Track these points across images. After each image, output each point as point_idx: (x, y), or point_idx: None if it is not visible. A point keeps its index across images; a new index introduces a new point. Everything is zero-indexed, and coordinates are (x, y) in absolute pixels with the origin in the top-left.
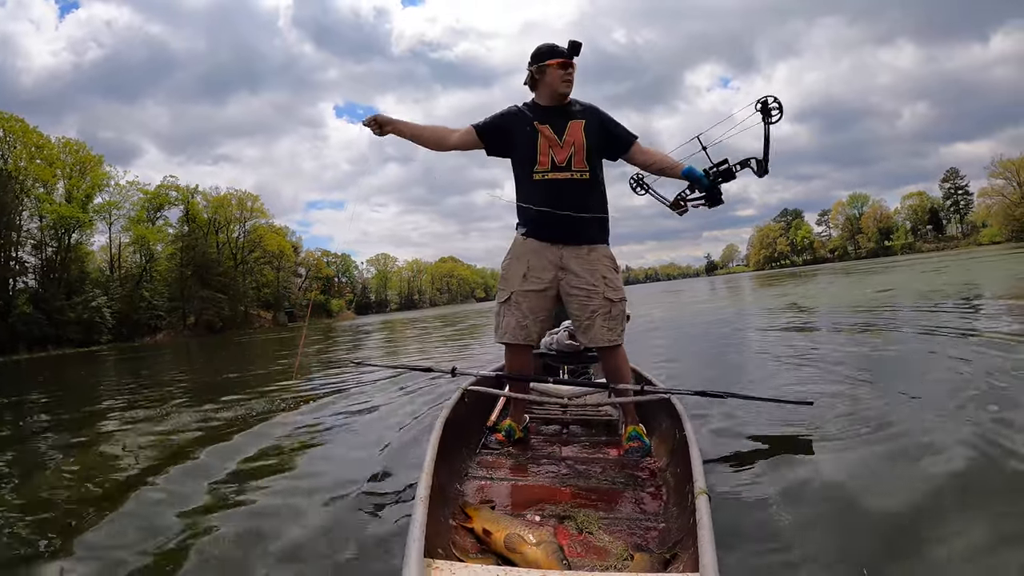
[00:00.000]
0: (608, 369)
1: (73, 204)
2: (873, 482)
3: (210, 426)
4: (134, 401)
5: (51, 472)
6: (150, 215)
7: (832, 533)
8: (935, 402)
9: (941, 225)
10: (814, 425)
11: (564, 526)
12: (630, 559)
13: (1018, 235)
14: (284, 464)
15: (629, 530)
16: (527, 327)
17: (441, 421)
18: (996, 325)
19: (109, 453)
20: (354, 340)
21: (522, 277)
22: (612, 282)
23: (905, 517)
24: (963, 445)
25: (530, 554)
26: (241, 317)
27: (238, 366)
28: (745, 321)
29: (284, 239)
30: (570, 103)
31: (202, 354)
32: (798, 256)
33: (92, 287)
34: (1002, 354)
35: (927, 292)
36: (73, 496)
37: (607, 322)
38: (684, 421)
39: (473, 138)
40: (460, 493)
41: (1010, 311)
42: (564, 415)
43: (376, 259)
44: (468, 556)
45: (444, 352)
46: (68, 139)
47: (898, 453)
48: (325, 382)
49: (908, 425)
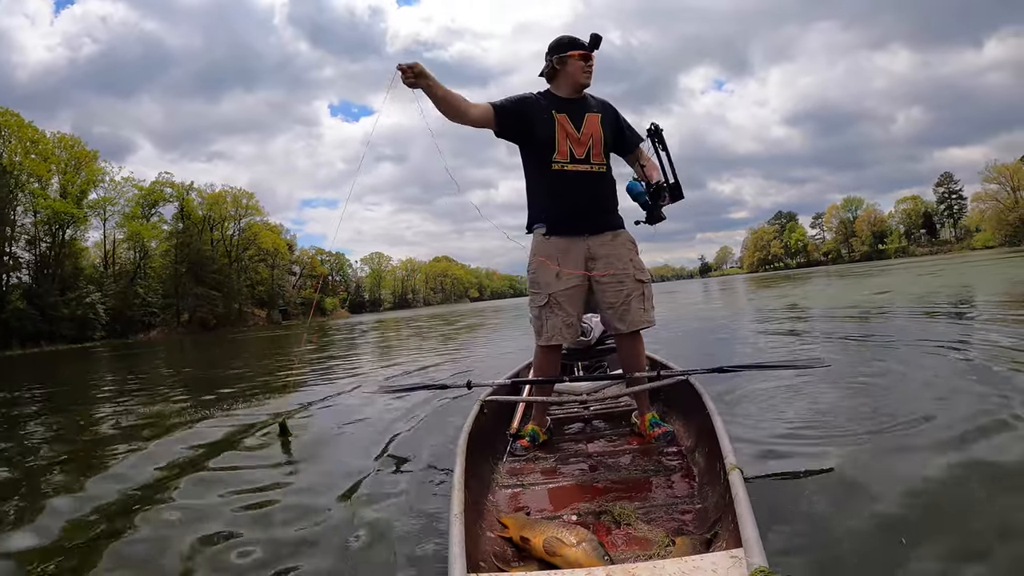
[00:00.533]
0: (628, 356)
1: (68, 200)
2: (906, 452)
3: (213, 435)
4: (130, 401)
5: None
6: (145, 211)
7: (866, 502)
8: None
9: (935, 229)
10: (836, 394)
11: (602, 522)
12: (672, 544)
13: (1011, 240)
14: (300, 490)
15: (667, 516)
16: (573, 325)
17: (465, 435)
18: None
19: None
20: (349, 341)
21: (555, 277)
22: (638, 264)
23: (942, 485)
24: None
25: (571, 555)
26: (235, 315)
27: (236, 370)
28: (749, 326)
29: (279, 237)
30: (586, 96)
31: (197, 352)
32: (792, 259)
33: (86, 283)
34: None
35: (925, 295)
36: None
37: (642, 303)
38: (706, 400)
39: (490, 116)
40: (493, 504)
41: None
42: (585, 411)
43: (370, 258)
44: (510, 566)
45: (450, 351)
46: (63, 134)
47: (931, 424)
48: (328, 392)
49: (933, 397)
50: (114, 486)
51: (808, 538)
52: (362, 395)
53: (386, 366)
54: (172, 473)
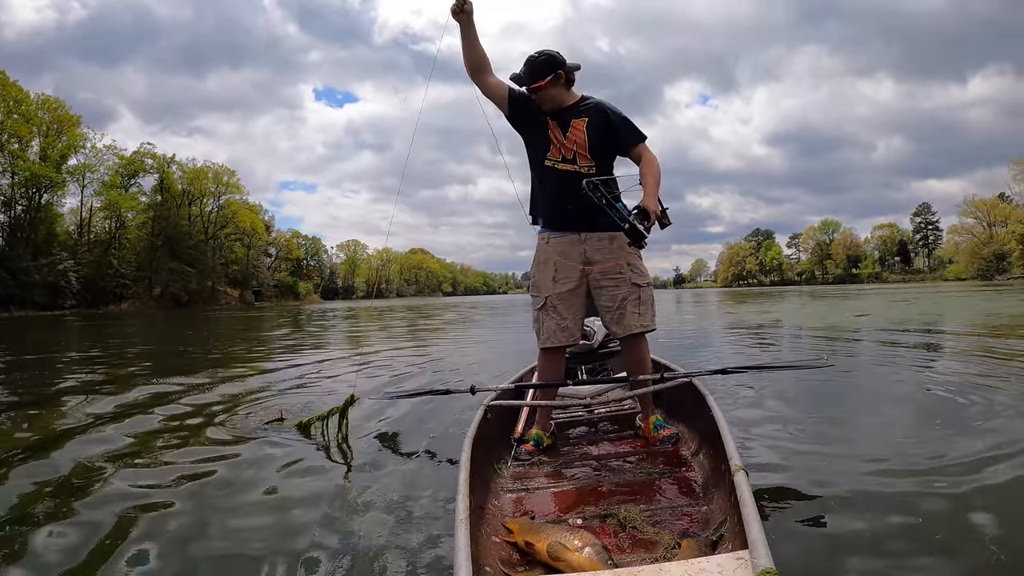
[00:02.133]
0: (631, 359)
1: (47, 163)
2: (909, 448)
3: (218, 435)
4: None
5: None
6: (124, 181)
7: (873, 506)
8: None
9: (909, 258)
10: (840, 395)
11: (607, 525)
12: (678, 547)
13: (983, 273)
14: (300, 495)
15: (672, 518)
16: (567, 327)
17: (469, 440)
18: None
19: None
20: (323, 326)
21: (552, 280)
22: (637, 267)
23: (950, 480)
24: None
25: (574, 560)
26: (208, 292)
27: (244, 361)
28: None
29: (257, 217)
30: (577, 102)
31: (169, 329)
32: (765, 276)
33: (60, 250)
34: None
35: (903, 318)
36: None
37: (638, 307)
38: (710, 401)
39: (504, 97)
40: (498, 508)
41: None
42: (589, 415)
43: (347, 244)
44: (515, 571)
45: (448, 347)
46: (47, 96)
47: (935, 418)
48: (322, 389)
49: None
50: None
51: (814, 540)
52: (365, 400)
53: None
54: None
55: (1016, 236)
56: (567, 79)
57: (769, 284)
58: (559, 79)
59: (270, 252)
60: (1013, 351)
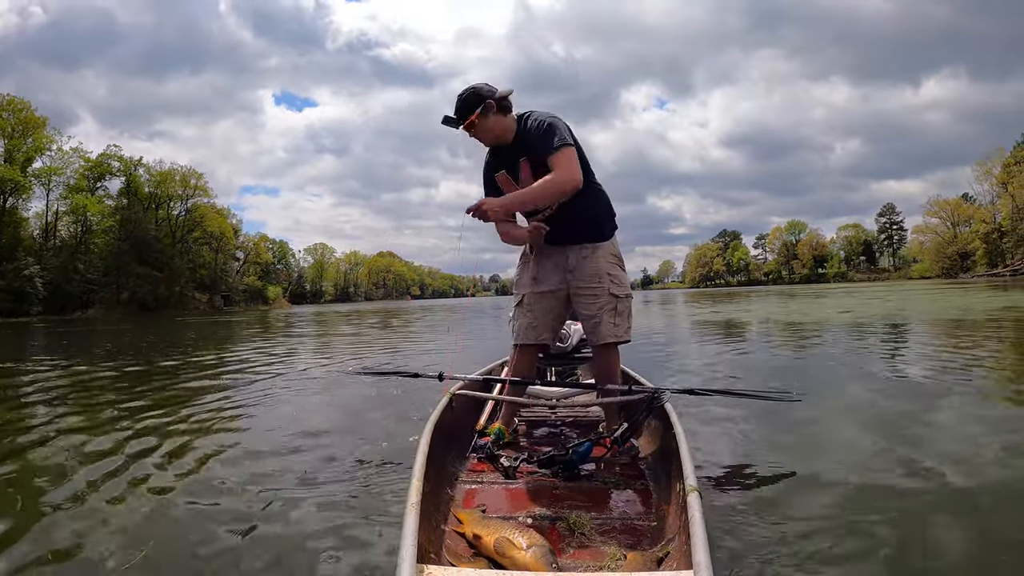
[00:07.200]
0: (600, 368)
1: (12, 166)
2: (865, 476)
3: (173, 427)
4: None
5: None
6: (90, 184)
7: (822, 529)
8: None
9: (874, 257)
10: (802, 420)
11: (556, 528)
12: (623, 559)
13: (948, 272)
14: (260, 468)
15: (621, 530)
16: (536, 328)
17: (430, 426)
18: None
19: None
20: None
21: (532, 280)
22: (617, 279)
23: (898, 511)
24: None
25: (520, 558)
26: (176, 298)
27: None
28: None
29: (225, 221)
30: (517, 132)
31: (152, 334)
32: (733, 276)
33: (25, 255)
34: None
35: (893, 314)
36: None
37: (614, 318)
38: (673, 419)
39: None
40: (451, 498)
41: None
42: (553, 416)
43: (314, 248)
44: (461, 561)
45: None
46: (12, 97)
47: (889, 446)
48: (293, 381)
49: (899, 418)
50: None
51: (762, 566)
52: (334, 375)
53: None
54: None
55: (980, 235)
56: (499, 106)
57: (736, 284)
58: (489, 109)
59: (238, 256)
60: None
